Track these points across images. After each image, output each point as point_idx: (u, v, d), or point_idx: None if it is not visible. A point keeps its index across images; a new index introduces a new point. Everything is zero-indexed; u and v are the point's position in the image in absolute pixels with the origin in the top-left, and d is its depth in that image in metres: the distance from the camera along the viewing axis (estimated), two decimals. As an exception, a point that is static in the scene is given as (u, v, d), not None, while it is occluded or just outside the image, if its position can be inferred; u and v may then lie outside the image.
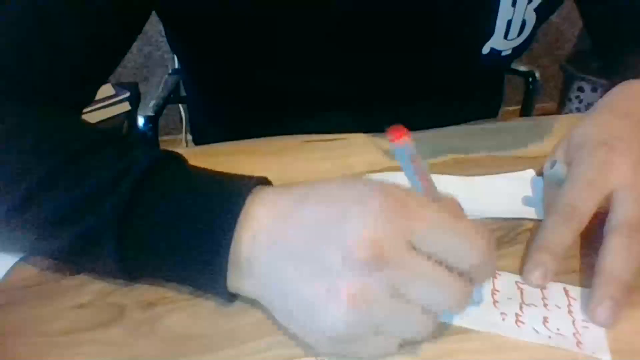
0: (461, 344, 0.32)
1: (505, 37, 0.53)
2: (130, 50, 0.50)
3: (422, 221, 0.29)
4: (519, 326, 0.33)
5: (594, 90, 1.92)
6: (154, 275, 0.35)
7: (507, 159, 0.51)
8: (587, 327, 0.33)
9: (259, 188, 0.33)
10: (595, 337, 0.32)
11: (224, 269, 0.32)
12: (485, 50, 0.54)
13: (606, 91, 0.48)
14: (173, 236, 0.32)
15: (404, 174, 0.31)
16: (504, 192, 0.46)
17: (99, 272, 0.36)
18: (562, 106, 2.07)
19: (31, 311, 0.34)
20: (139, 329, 0.33)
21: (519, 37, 0.54)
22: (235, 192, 0.33)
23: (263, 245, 0.31)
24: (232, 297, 0.34)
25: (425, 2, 0.50)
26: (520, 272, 0.37)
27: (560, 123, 0.58)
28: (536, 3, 0.51)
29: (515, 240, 0.41)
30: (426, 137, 0.55)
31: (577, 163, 0.40)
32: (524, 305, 0.34)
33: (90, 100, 0.50)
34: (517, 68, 1.11)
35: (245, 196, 0.32)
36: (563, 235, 0.37)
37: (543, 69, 2.14)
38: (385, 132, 0.30)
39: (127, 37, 0.50)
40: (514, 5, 0.50)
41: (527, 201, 0.45)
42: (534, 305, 0.34)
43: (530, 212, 0.43)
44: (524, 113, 1.18)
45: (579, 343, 0.32)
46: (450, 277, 0.29)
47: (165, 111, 1.00)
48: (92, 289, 0.36)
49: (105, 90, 1.43)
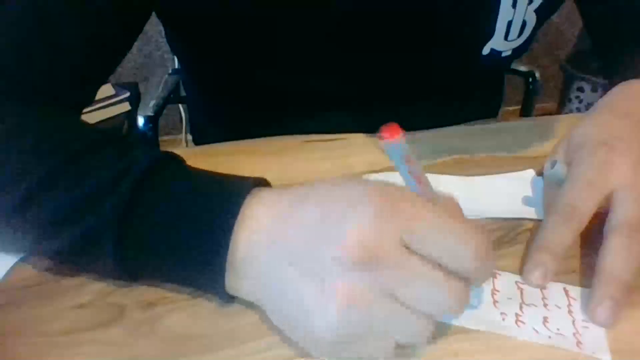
0: (461, 344, 0.32)
1: (506, 38, 0.53)
2: (130, 50, 0.50)
3: (419, 222, 0.29)
4: (519, 326, 0.33)
5: (594, 90, 1.92)
6: (154, 275, 0.35)
7: (507, 159, 0.51)
8: (587, 327, 0.33)
9: (258, 189, 0.33)
10: (595, 337, 0.32)
11: (223, 269, 0.32)
12: (486, 51, 0.54)
13: (606, 91, 0.48)
14: (172, 236, 0.32)
15: (399, 173, 0.31)
16: (504, 192, 0.46)
17: (99, 272, 0.36)
18: (562, 106, 2.07)
19: (31, 311, 0.34)
20: (139, 329, 0.33)
21: (519, 38, 0.54)
22: (234, 193, 0.33)
23: (261, 245, 0.31)
24: (231, 298, 0.34)
25: (425, 2, 0.50)
26: (520, 272, 0.37)
27: (560, 123, 0.58)
28: (537, 4, 0.51)
29: (515, 240, 0.41)
30: (426, 137, 0.55)
31: (577, 163, 0.40)
32: (524, 305, 0.34)
33: (90, 101, 0.50)
34: (517, 68, 1.11)
35: (244, 196, 0.32)
36: (563, 235, 0.37)
37: (543, 69, 2.14)
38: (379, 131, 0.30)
39: (127, 37, 0.50)
40: (514, 6, 0.50)
41: (527, 201, 0.45)
42: (534, 305, 0.34)
43: (530, 212, 0.43)
44: (524, 113, 1.17)
45: (579, 343, 0.32)
46: (447, 279, 0.29)
47: (165, 111, 0.99)
48: (92, 289, 0.36)
49: (105, 90, 1.43)
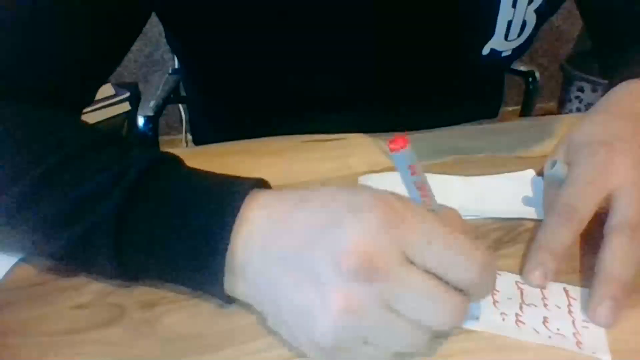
0: (461, 344, 0.32)
1: (506, 38, 0.53)
2: (130, 50, 0.50)
3: (418, 233, 0.29)
4: (519, 326, 0.33)
5: (594, 90, 1.92)
6: (152, 276, 0.35)
7: (507, 159, 0.51)
8: (587, 327, 0.33)
9: (255, 191, 0.33)
10: (595, 337, 0.32)
11: (221, 271, 0.32)
12: (486, 50, 0.54)
13: (606, 91, 0.48)
14: (170, 238, 0.32)
15: (403, 183, 0.31)
16: (504, 192, 0.46)
17: (98, 273, 0.36)
18: (562, 106, 2.07)
19: (31, 311, 0.34)
20: (139, 329, 0.33)
21: (519, 38, 0.54)
22: (232, 195, 0.33)
23: (256, 249, 0.31)
24: (230, 299, 0.34)
25: (425, 2, 0.50)
26: (520, 272, 0.37)
27: (560, 123, 0.58)
28: (537, 4, 0.51)
29: (515, 240, 0.41)
30: (426, 137, 0.55)
31: (577, 163, 0.40)
32: (524, 305, 0.34)
33: (90, 101, 0.50)
34: (517, 68, 1.11)
35: (243, 198, 0.32)
36: (563, 235, 0.37)
37: (543, 69, 2.15)
38: (386, 133, 0.30)
39: (127, 38, 0.50)
40: (514, 6, 0.50)
41: (527, 201, 0.45)
42: (534, 305, 0.34)
43: (530, 212, 0.43)
44: (524, 113, 1.18)
45: (579, 343, 0.32)
46: (444, 293, 0.28)
47: (165, 111, 1.00)
48: (92, 289, 0.36)
49: (105, 90, 1.43)
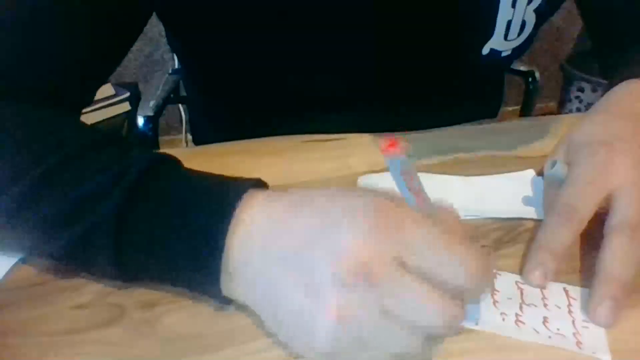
0: (461, 344, 0.32)
1: (505, 37, 0.53)
2: (130, 50, 0.50)
3: (414, 238, 0.29)
4: (519, 326, 0.33)
5: (594, 90, 1.92)
6: (151, 277, 0.35)
7: (507, 159, 0.51)
8: (587, 327, 0.33)
9: (252, 192, 0.33)
10: (595, 337, 0.32)
11: (218, 272, 0.31)
12: (485, 50, 0.54)
13: (606, 91, 0.48)
14: (168, 239, 0.32)
15: (397, 188, 0.30)
16: (504, 192, 0.46)
17: (97, 273, 0.36)
18: (562, 106, 2.07)
19: (31, 311, 0.34)
20: (139, 329, 0.33)
21: (519, 38, 0.54)
22: (229, 195, 0.33)
23: (256, 249, 0.31)
24: (228, 301, 0.33)
25: (425, 3, 0.50)
26: (520, 272, 0.37)
27: (560, 123, 0.58)
28: (536, 4, 0.51)
29: (515, 240, 0.41)
30: (426, 137, 0.55)
31: (577, 163, 0.40)
32: (524, 305, 0.34)
33: (90, 101, 0.50)
34: (517, 68, 1.11)
35: (240, 199, 0.32)
36: (563, 235, 0.37)
37: (543, 69, 2.14)
38: (386, 133, 0.29)
39: (127, 38, 0.50)
40: (513, 6, 0.50)
41: (527, 201, 0.45)
42: (534, 305, 0.34)
43: (530, 212, 0.43)
44: (524, 113, 1.17)
45: (579, 343, 0.32)
46: (439, 296, 0.28)
47: (165, 111, 1.00)
48: (92, 289, 0.36)
49: (105, 90, 1.43)
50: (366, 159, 0.51)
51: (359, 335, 0.28)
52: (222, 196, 0.33)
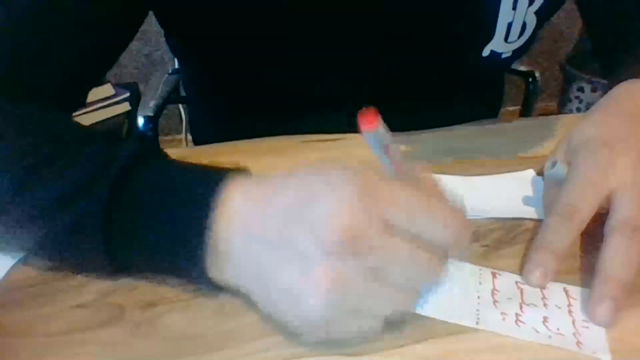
0: (461, 344, 0.32)
1: (506, 39, 0.53)
2: (130, 50, 0.51)
3: (394, 203, 0.30)
4: (519, 326, 0.33)
5: (594, 90, 1.92)
6: (140, 266, 0.35)
7: (507, 159, 0.51)
8: (587, 327, 0.33)
9: (237, 174, 0.34)
10: (595, 337, 0.32)
11: (203, 255, 0.32)
12: (486, 52, 0.54)
13: (606, 91, 0.48)
14: (154, 225, 0.33)
15: (378, 158, 0.31)
16: (504, 192, 0.46)
17: (88, 267, 0.36)
18: (562, 106, 2.07)
19: (31, 311, 0.34)
20: (139, 329, 0.33)
21: (519, 40, 0.54)
22: (212, 179, 0.33)
23: (238, 230, 0.32)
24: (217, 287, 0.34)
25: (425, 3, 0.50)
26: (520, 272, 0.37)
27: (560, 123, 0.58)
28: (537, 6, 0.51)
29: (515, 240, 0.41)
30: (426, 137, 0.55)
31: (577, 163, 0.40)
32: (524, 305, 0.34)
33: (83, 101, 0.50)
34: (517, 68, 1.11)
35: (223, 182, 0.33)
36: (563, 235, 0.37)
37: (543, 69, 2.15)
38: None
39: (123, 39, 0.50)
40: (514, 8, 0.50)
41: (527, 201, 0.45)
42: (534, 305, 0.34)
43: (530, 212, 0.43)
44: (524, 113, 1.17)
45: (579, 343, 0.32)
46: (425, 253, 0.30)
47: (165, 111, 0.99)
48: (92, 289, 0.36)
49: (105, 90, 1.43)
50: (365, 159, 0.51)
51: (350, 301, 0.29)
52: (206, 182, 0.33)
